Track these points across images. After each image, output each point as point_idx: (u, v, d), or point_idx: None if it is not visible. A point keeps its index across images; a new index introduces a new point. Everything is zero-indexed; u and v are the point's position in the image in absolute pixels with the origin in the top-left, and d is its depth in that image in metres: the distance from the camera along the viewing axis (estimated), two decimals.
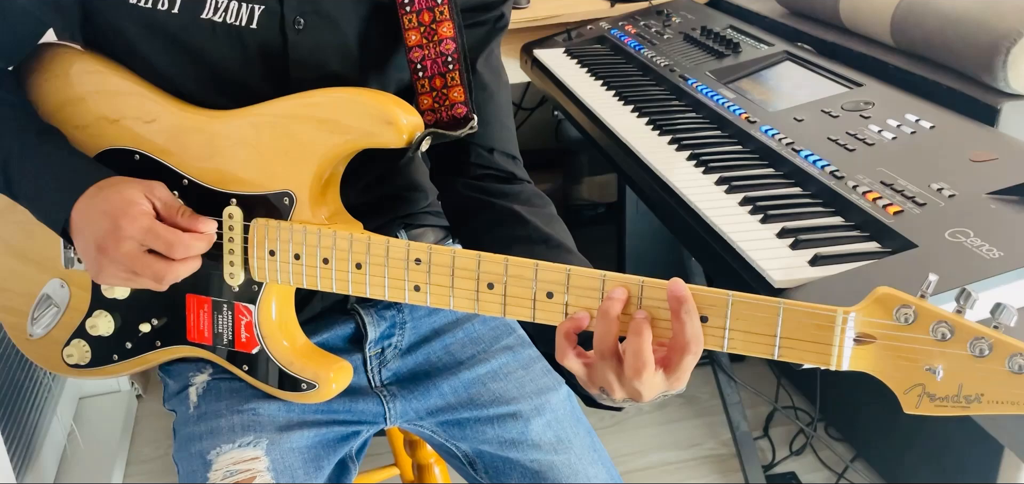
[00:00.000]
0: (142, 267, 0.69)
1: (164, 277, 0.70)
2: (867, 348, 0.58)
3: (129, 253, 0.69)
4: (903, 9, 1.29)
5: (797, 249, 0.87)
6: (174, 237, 0.69)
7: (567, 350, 0.62)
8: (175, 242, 0.69)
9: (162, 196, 0.71)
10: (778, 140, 1.09)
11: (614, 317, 0.61)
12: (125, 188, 0.70)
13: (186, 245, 0.69)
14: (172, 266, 0.70)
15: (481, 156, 0.81)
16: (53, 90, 0.80)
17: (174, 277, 0.70)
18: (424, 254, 0.69)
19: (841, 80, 1.25)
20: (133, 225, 0.68)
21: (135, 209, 0.69)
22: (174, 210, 0.71)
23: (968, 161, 0.95)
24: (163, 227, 0.69)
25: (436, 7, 0.74)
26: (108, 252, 0.69)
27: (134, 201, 0.69)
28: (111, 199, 0.69)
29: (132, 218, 0.68)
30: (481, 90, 0.80)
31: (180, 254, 0.69)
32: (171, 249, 0.69)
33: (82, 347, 0.80)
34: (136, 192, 0.70)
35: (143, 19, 0.72)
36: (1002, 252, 0.77)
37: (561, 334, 0.63)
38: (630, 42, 1.61)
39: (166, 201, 0.71)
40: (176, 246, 0.69)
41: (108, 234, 0.69)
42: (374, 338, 0.85)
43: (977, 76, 1.15)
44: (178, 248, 0.69)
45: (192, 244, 0.70)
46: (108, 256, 0.69)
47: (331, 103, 0.72)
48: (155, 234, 0.69)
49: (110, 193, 0.70)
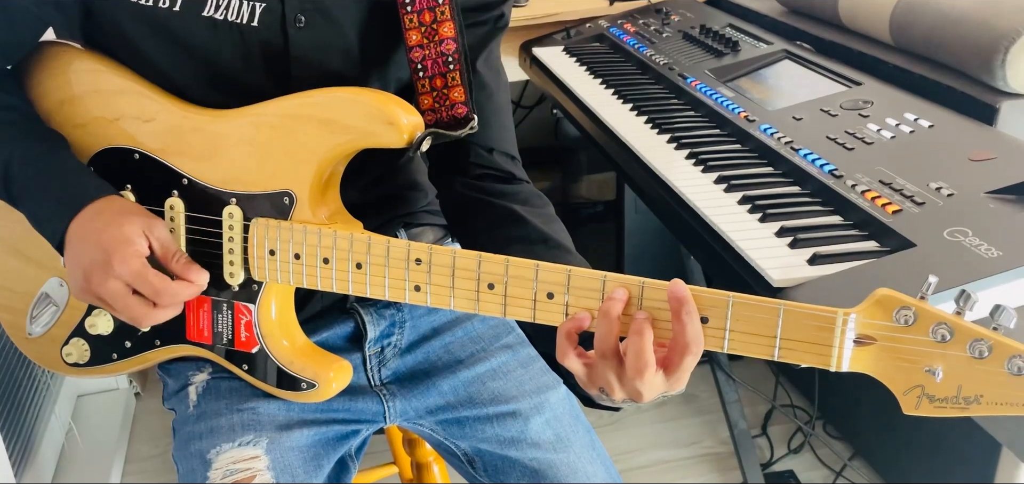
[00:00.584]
0: (123, 307, 0.69)
1: (143, 321, 0.70)
2: (867, 349, 0.58)
3: (114, 291, 0.68)
4: (902, 8, 1.29)
5: (796, 248, 0.87)
6: (162, 286, 0.69)
7: (568, 350, 0.62)
8: (162, 292, 0.69)
9: (160, 237, 0.71)
10: (777, 139, 1.09)
11: (615, 317, 0.61)
12: (125, 223, 0.70)
13: (173, 294, 0.69)
14: (154, 312, 0.69)
15: (480, 156, 0.81)
16: (52, 88, 0.79)
17: (153, 321, 0.70)
18: (425, 254, 0.69)
19: (840, 79, 1.25)
20: (124, 266, 0.68)
21: (130, 250, 0.68)
22: (170, 254, 0.71)
23: (967, 160, 0.95)
24: (153, 274, 0.69)
25: (437, 7, 0.74)
26: (93, 282, 0.69)
27: (131, 241, 0.69)
28: (109, 231, 0.69)
29: (124, 259, 0.68)
30: (481, 90, 0.80)
31: (165, 302, 0.69)
32: (157, 297, 0.69)
33: (81, 346, 0.80)
34: (134, 230, 0.69)
35: (144, 17, 0.72)
36: (1001, 251, 0.77)
37: (562, 334, 0.63)
38: (629, 40, 1.61)
39: (163, 242, 0.71)
40: (163, 295, 0.69)
41: (98, 266, 0.68)
42: (374, 337, 0.85)
43: (976, 75, 1.15)
44: (164, 297, 0.69)
45: (179, 292, 0.70)
46: (92, 285, 0.69)
47: (332, 103, 0.72)
48: (144, 280, 0.68)
49: (109, 223, 0.70)
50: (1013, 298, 0.75)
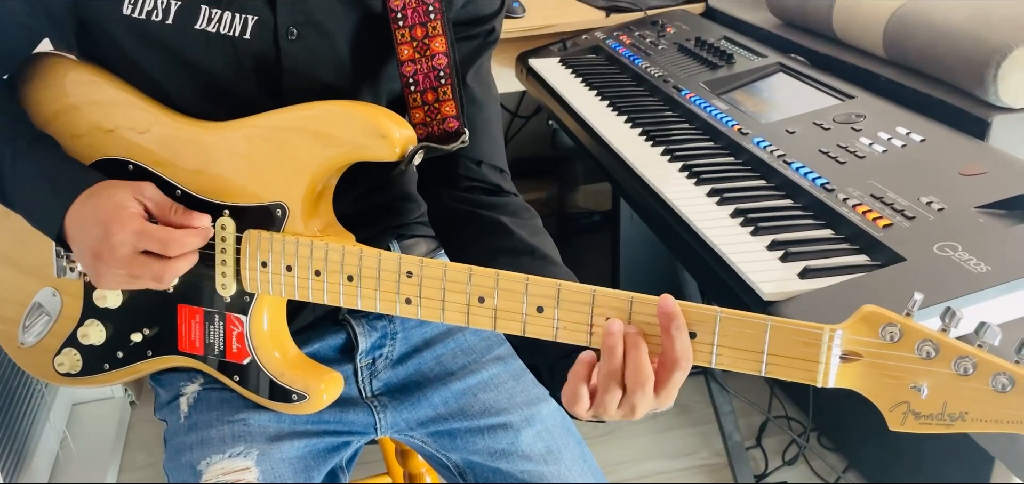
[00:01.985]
0: (140, 269, 0.69)
1: (163, 276, 0.70)
2: (853, 365, 0.58)
3: (124, 257, 0.69)
4: (895, 22, 1.30)
5: (787, 261, 0.88)
6: (167, 235, 0.69)
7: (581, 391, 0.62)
8: (169, 240, 0.69)
9: (152, 196, 0.72)
10: (770, 152, 1.10)
11: (619, 352, 0.61)
12: (115, 192, 0.70)
13: (180, 242, 0.69)
14: (170, 264, 0.70)
15: (469, 168, 0.81)
16: (48, 99, 0.80)
17: (174, 274, 0.71)
18: (416, 267, 0.69)
19: (833, 92, 1.26)
20: (124, 229, 0.68)
21: (125, 213, 0.69)
22: (166, 208, 0.71)
23: (957, 175, 0.96)
24: (155, 227, 0.69)
25: (429, 22, 0.75)
26: (104, 258, 0.69)
27: (124, 205, 0.69)
28: (101, 205, 0.70)
29: (123, 222, 0.68)
30: (471, 103, 0.80)
31: (175, 251, 0.69)
32: (166, 247, 0.69)
33: (73, 356, 0.80)
34: (125, 195, 0.70)
35: (137, 29, 0.73)
36: (989, 266, 0.78)
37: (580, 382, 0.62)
38: (624, 52, 1.62)
39: (157, 200, 0.72)
40: (170, 244, 0.69)
41: (101, 241, 0.69)
42: (365, 348, 0.85)
43: (968, 89, 1.15)
44: (173, 246, 0.69)
45: (186, 240, 0.70)
46: (104, 262, 0.69)
47: (324, 116, 0.72)
48: (148, 235, 0.69)
49: (100, 199, 0.70)
50: (1002, 313, 0.75)
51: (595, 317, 0.64)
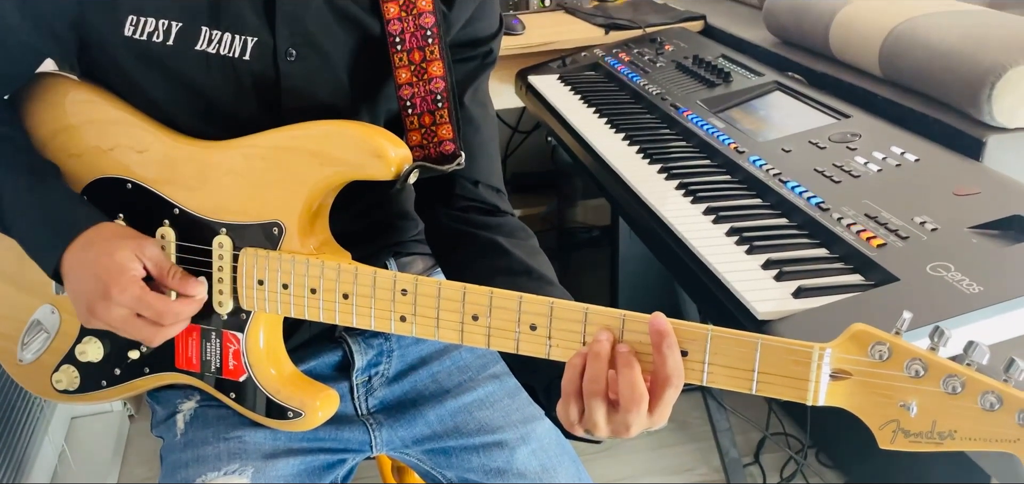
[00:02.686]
0: (132, 331, 0.71)
1: (153, 340, 0.72)
2: (843, 384, 0.59)
3: (119, 317, 0.71)
4: (891, 41, 1.31)
5: (781, 280, 0.88)
6: (163, 306, 0.71)
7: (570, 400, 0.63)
8: (164, 311, 0.70)
9: (153, 256, 0.72)
10: (765, 171, 1.11)
11: (605, 357, 0.62)
12: (117, 250, 0.71)
13: (175, 313, 0.71)
14: (161, 330, 0.71)
15: (466, 188, 0.82)
16: (48, 119, 0.81)
17: (163, 339, 0.73)
18: (410, 285, 0.69)
19: (829, 111, 1.26)
20: (124, 294, 0.69)
21: (126, 276, 0.70)
22: (165, 271, 0.72)
23: (951, 195, 0.96)
24: (153, 297, 0.71)
25: (426, 46, 0.76)
26: (98, 313, 0.71)
27: (125, 267, 0.70)
28: (102, 261, 0.70)
29: (123, 287, 0.69)
30: (468, 124, 0.81)
31: (169, 321, 0.71)
32: (161, 318, 0.71)
33: (71, 373, 0.81)
34: (127, 255, 0.71)
35: (138, 50, 0.74)
36: (982, 287, 0.78)
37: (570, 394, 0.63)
38: (623, 70, 1.63)
39: (157, 261, 0.72)
40: (165, 315, 0.71)
41: (99, 298, 0.70)
42: (361, 366, 0.86)
43: (963, 109, 1.16)
44: (167, 316, 0.71)
45: (181, 311, 0.72)
46: (97, 316, 0.71)
47: (321, 135, 0.73)
48: (145, 304, 0.70)
49: (101, 253, 0.71)
50: (994, 334, 0.76)
51: (588, 335, 0.65)
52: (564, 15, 2.01)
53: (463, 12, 0.80)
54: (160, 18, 0.72)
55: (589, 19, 1.94)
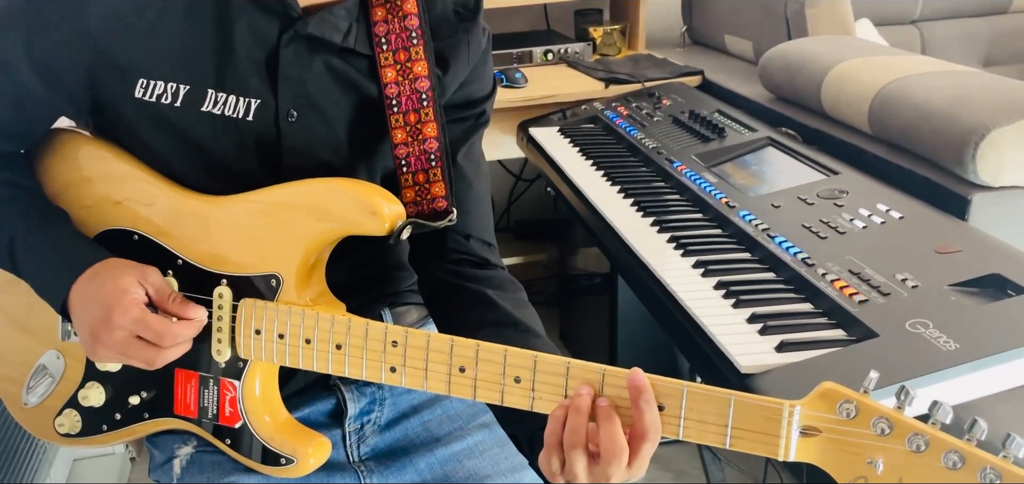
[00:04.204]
0: (133, 353, 0.74)
1: (154, 361, 0.74)
2: (812, 440, 0.61)
3: (120, 340, 0.73)
4: (880, 100, 1.34)
5: (765, 335, 0.90)
6: (163, 328, 0.73)
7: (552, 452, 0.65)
8: (164, 333, 0.73)
9: (155, 282, 0.76)
10: (754, 226, 1.13)
11: (586, 410, 0.64)
12: (120, 276, 0.74)
13: (174, 335, 0.74)
14: (161, 352, 0.74)
15: (458, 242, 0.85)
16: (62, 172, 0.85)
17: (164, 361, 0.75)
18: (400, 337, 0.72)
19: (819, 167, 1.29)
20: (125, 316, 0.72)
21: (127, 299, 0.73)
22: (165, 296, 0.75)
23: (933, 252, 0.99)
24: (153, 318, 0.74)
25: (422, 108, 0.80)
26: (101, 338, 0.73)
27: (127, 290, 0.73)
28: (105, 287, 0.74)
29: (124, 309, 0.72)
30: (461, 180, 0.84)
31: (168, 343, 0.74)
32: (160, 339, 0.73)
33: (73, 417, 0.84)
34: (130, 280, 0.74)
35: (148, 111, 0.78)
36: (958, 344, 0.80)
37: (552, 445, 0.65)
38: (621, 123, 1.67)
39: (158, 287, 0.76)
40: (165, 336, 0.73)
41: (101, 322, 0.73)
42: (354, 414, 0.88)
43: (950, 167, 1.19)
44: (166, 338, 0.73)
45: (180, 333, 0.74)
46: (100, 342, 0.74)
47: (319, 192, 0.77)
48: (145, 325, 0.73)
49: (105, 280, 0.74)
50: (969, 390, 0.78)
51: (570, 388, 0.67)
52: (566, 69, 2.07)
53: (457, 76, 0.84)
54: (169, 82, 0.77)
55: (590, 73, 1.99)
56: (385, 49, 0.80)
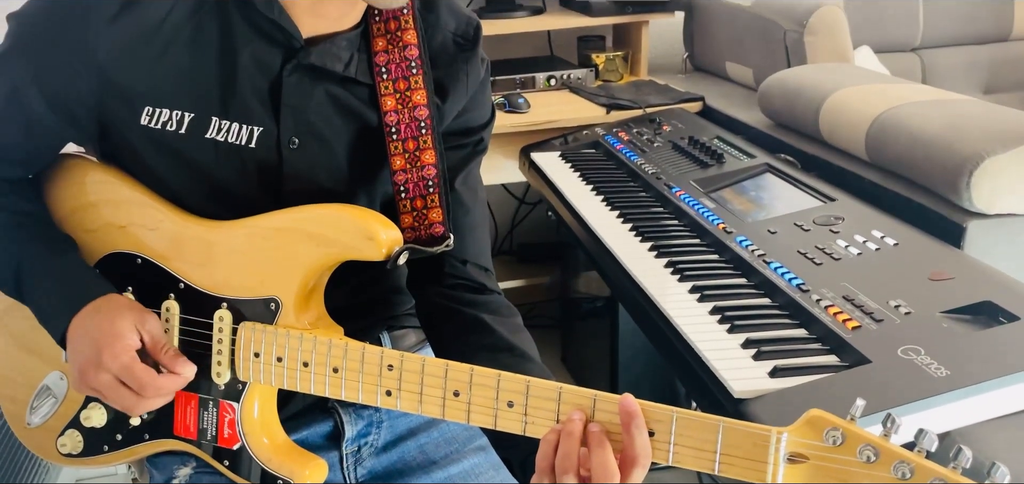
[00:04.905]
0: (114, 397, 0.75)
1: (133, 410, 0.76)
2: (800, 467, 0.61)
3: (105, 383, 0.75)
4: (876, 128, 1.36)
5: (759, 360, 0.91)
6: (147, 380, 0.75)
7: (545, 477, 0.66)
8: (147, 385, 0.75)
9: (151, 331, 0.77)
10: (751, 251, 1.14)
11: (578, 436, 0.65)
12: (118, 318, 0.76)
13: (157, 387, 0.75)
14: (141, 402, 0.75)
15: (455, 267, 0.86)
16: (68, 196, 0.87)
17: (143, 409, 0.77)
18: (396, 361, 0.73)
19: (816, 194, 1.31)
20: (114, 361, 0.74)
21: (119, 344, 0.74)
22: (159, 347, 0.77)
23: (926, 279, 1.00)
24: (141, 368, 0.75)
25: (420, 136, 0.81)
26: (87, 376, 0.75)
27: (121, 335, 0.75)
28: (102, 326, 0.75)
29: (114, 354, 0.74)
30: (458, 206, 0.86)
31: (150, 394, 0.75)
32: (142, 389, 0.75)
33: (75, 437, 0.85)
34: (126, 324, 0.75)
35: (153, 138, 0.80)
36: (949, 371, 0.81)
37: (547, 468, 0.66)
38: (622, 148, 1.69)
39: (154, 336, 0.77)
40: (147, 387, 0.75)
41: (90, 361, 0.75)
42: (351, 436, 0.89)
43: (945, 194, 1.20)
44: (148, 389, 0.75)
45: (163, 386, 0.76)
46: (86, 379, 0.75)
47: (318, 218, 0.78)
48: (131, 373, 0.74)
49: (103, 319, 0.76)
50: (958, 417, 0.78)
51: (562, 413, 0.68)
52: (569, 94, 2.09)
53: (456, 104, 0.86)
54: (174, 109, 0.79)
55: (592, 98, 2.01)
56: (385, 78, 0.82)
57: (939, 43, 2.40)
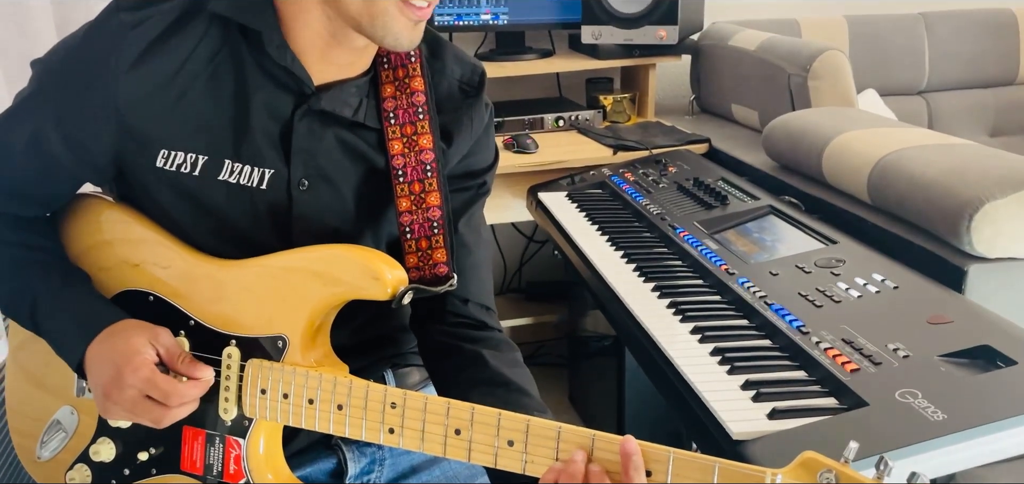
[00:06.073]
0: (142, 412, 0.77)
1: (161, 420, 0.78)
2: None
3: (130, 399, 0.77)
4: (878, 171, 1.37)
5: (758, 401, 0.92)
6: (171, 388, 0.77)
7: None
8: (172, 392, 0.77)
9: (165, 342, 0.80)
10: (752, 293, 1.16)
11: (580, 475, 0.66)
12: (132, 336, 0.78)
13: (181, 394, 0.77)
14: (169, 412, 0.77)
15: (456, 306, 0.88)
16: (84, 234, 0.90)
17: (171, 420, 0.78)
18: (399, 399, 0.75)
19: (818, 236, 1.32)
20: (135, 375, 0.76)
21: (138, 359, 0.77)
22: (175, 356, 0.79)
23: (926, 323, 1.00)
24: (162, 378, 0.77)
25: (426, 179, 0.84)
26: (112, 397, 0.77)
27: (138, 351, 0.77)
28: (118, 347, 0.78)
29: (134, 368, 0.76)
30: (461, 247, 0.88)
31: (176, 402, 0.77)
32: (168, 399, 0.77)
33: (84, 471, 0.87)
34: (141, 340, 0.78)
35: (168, 180, 0.82)
36: (946, 414, 0.82)
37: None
38: (627, 189, 1.71)
39: (169, 347, 0.79)
40: (172, 396, 0.77)
41: (112, 381, 0.77)
42: (354, 473, 0.91)
43: (945, 238, 1.21)
44: (174, 398, 0.77)
45: (187, 392, 0.78)
46: (112, 400, 0.77)
47: (325, 258, 0.81)
48: (154, 385, 0.77)
49: (118, 340, 0.78)
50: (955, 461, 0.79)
51: (561, 451, 0.70)
52: (577, 135, 2.12)
53: (460, 149, 0.89)
54: (189, 152, 0.81)
55: (599, 139, 2.04)
56: (393, 123, 0.85)
57: (945, 87, 2.43)
